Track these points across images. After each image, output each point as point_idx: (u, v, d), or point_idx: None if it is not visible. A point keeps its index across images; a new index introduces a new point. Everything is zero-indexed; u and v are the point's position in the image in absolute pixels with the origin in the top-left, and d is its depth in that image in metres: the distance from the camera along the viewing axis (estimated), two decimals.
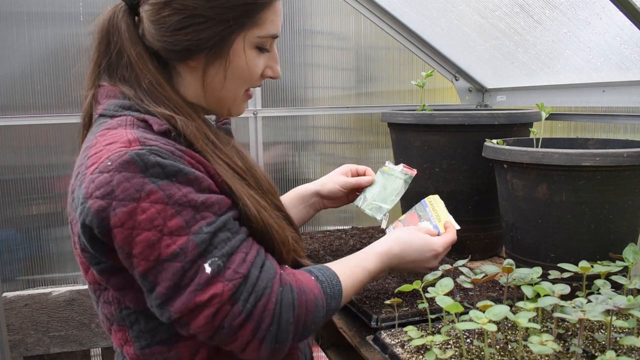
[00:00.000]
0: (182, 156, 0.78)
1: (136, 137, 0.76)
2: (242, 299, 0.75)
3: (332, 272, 0.90)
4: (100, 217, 0.72)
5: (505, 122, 1.46)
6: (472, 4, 1.77)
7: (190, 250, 0.73)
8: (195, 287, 0.73)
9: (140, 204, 0.72)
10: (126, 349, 0.87)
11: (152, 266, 0.73)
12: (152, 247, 0.72)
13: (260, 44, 0.89)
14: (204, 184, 0.78)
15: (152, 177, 0.73)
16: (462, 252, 1.45)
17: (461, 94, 2.34)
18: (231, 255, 0.77)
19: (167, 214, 0.73)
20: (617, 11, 1.30)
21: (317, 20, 2.18)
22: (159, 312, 0.76)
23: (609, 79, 1.63)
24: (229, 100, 0.93)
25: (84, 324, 1.64)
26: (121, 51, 0.86)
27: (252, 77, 0.92)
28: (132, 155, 0.73)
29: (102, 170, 0.73)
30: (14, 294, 1.61)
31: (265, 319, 0.77)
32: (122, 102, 0.85)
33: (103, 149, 0.76)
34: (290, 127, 2.20)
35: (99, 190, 0.72)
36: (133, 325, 0.84)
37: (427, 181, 1.52)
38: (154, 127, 0.81)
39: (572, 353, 0.83)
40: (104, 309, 0.87)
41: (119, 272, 0.79)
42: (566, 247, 1.15)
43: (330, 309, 0.87)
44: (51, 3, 1.85)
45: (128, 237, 0.72)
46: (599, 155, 1.07)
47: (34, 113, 1.87)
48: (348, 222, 2.27)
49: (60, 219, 1.95)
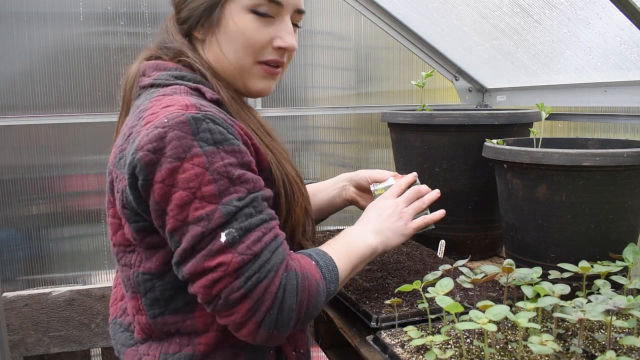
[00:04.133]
0: (232, 125, 0.83)
1: (193, 103, 0.81)
2: (246, 275, 0.76)
3: (329, 257, 0.91)
4: (148, 170, 0.76)
5: (505, 122, 1.46)
6: (472, 4, 1.77)
7: (215, 218, 0.76)
8: (207, 252, 0.75)
9: (183, 163, 0.75)
10: (138, 318, 0.88)
11: (179, 226, 0.76)
12: (182, 207, 0.75)
13: (253, 7, 0.91)
14: (246, 158, 0.82)
15: (200, 140, 0.77)
16: (462, 252, 1.45)
17: (461, 94, 2.34)
18: (248, 232, 0.78)
19: (204, 179, 0.76)
20: (617, 11, 1.30)
21: (317, 20, 2.18)
22: (176, 269, 0.79)
23: (609, 79, 1.63)
24: (236, 71, 0.95)
25: (84, 324, 1.64)
26: (164, 25, 0.99)
27: (253, 44, 0.92)
28: (188, 117, 0.77)
29: (158, 125, 0.77)
30: (14, 294, 1.61)
31: (266, 302, 0.77)
32: (173, 72, 0.91)
33: (160, 111, 0.80)
34: (290, 127, 2.20)
35: (152, 144, 0.76)
36: (147, 292, 0.86)
37: (427, 181, 1.52)
38: (207, 95, 0.88)
39: (572, 353, 0.83)
40: (124, 271, 0.89)
41: (155, 232, 0.82)
42: (566, 247, 1.15)
43: (329, 294, 0.88)
44: (51, 3, 1.85)
45: (167, 193, 0.76)
46: (599, 155, 1.07)
47: (34, 113, 1.87)
48: (348, 222, 2.27)
49: (60, 219, 1.95)
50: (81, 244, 1.98)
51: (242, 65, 0.94)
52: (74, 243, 1.98)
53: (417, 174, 1.16)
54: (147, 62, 0.95)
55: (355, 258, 0.96)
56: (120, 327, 0.96)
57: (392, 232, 1.04)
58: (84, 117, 1.91)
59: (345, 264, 0.93)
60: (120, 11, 1.93)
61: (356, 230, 1.03)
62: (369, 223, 1.04)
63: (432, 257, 1.39)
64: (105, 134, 1.93)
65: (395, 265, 1.33)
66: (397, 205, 1.07)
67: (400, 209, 1.07)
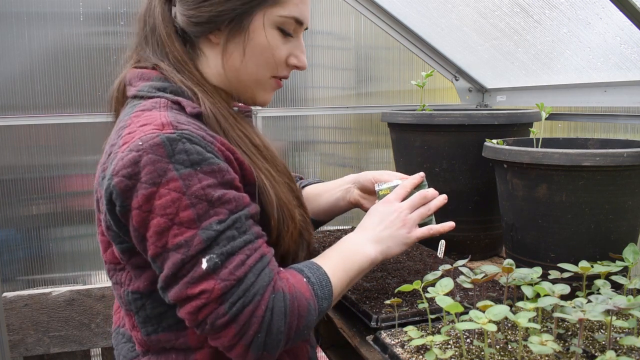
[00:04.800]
0: (212, 142, 0.80)
1: (169, 121, 0.78)
2: (230, 301, 0.75)
3: (322, 272, 0.88)
4: (124, 196, 0.75)
5: (505, 122, 1.46)
6: (472, 4, 1.77)
7: (195, 244, 0.74)
8: (189, 279, 0.74)
9: (159, 189, 0.74)
10: (134, 334, 0.88)
11: (159, 252, 0.75)
12: (161, 234, 0.74)
13: (281, 25, 0.90)
14: (227, 177, 0.79)
15: (176, 163, 0.74)
16: (462, 252, 1.45)
17: (461, 94, 2.34)
18: (231, 255, 0.76)
19: (181, 204, 0.74)
20: (617, 11, 1.30)
21: (317, 20, 2.18)
22: (161, 294, 0.78)
23: (609, 79, 1.63)
24: (251, 82, 0.94)
25: (84, 324, 1.64)
26: (154, 28, 0.92)
27: (275, 60, 0.92)
28: (162, 138, 0.75)
29: (132, 149, 0.75)
30: (14, 294, 1.61)
31: (252, 326, 0.76)
32: (155, 83, 0.88)
33: (137, 130, 0.78)
34: (290, 127, 2.20)
35: (126, 170, 0.74)
36: (139, 311, 0.85)
37: (427, 181, 1.52)
38: (187, 109, 0.84)
39: (572, 353, 0.83)
40: (115, 289, 0.89)
41: (140, 254, 0.81)
42: (566, 247, 1.15)
43: (322, 311, 0.86)
44: (51, 3, 1.85)
45: (144, 220, 0.74)
46: (599, 155, 1.07)
47: (34, 113, 1.87)
48: (348, 222, 2.27)
49: (60, 219, 1.95)
50: (81, 244, 1.98)
51: (260, 78, 0.94)
52: (74, 243, 1.98)
53: (424, 175, 1.10)
54: (133, 70, 0.92)
55: (352, 271, 0.93)
56: (123, 338, 0.95)
57: (393, 241, 0.99)
58: (84, 117, 1.91)
59: (341, 279, 0.90)
60: (120, 11, 1.93)
61: (355, 239, 0.98)
62: (370, 230, 0.99)
63: (432, 257, 1.39)
64: (105, 134, 1.92)
65: (395, 265, 1.33)
66: (402, 211, 1.01)
67: (404, 215, 1.01)
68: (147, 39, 0.93)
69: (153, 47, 0.91)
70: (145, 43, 0.93)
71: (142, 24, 0.94)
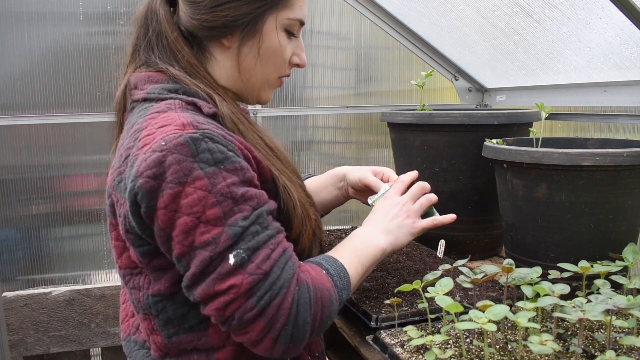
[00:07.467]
0: (232, 141, 0.81)
1: (190, 122, 0.78)
2: (259, 295, 0.75)
3: (340, 264, 0.90)
4: (150, 197, 0.74)
5: (505, 122, 1.46)
6: (472, 4, 1.77)
7: (222, 241, 0.75)
8: (217, 275, 0.75)
9: (185, 188, 0.74)
10: (153, 338, 0.87)
11: (186, 251, 0.75)
12: (187, 233, 0.74)
13: (289, 27, 0.93)
14: (248, 175, 0.80)
15: (201, 162, 0.75)
16: (462, 252, 1.45)
17: (461, 94, 2.34)
18: (256, 250, 0.77)
19: (208, 203, 0.74)
20: (617, 11, 1.30)
21: (317, 20, 2.18)
22: (187, 293, 0.78)
23: (609, 79, 1.63)
24: (260, 84, 0.96)
25: (84, 324, 1.64)
26: (160, 34, 0.91)
27: (285, 61, 0.95)
28: (186, 138, 0.75)
29: (156, 149, 0.75)
30: (14, 294, 1.61)
31: (280, 318, 0.77)
32: (166, 85, 0.88)
33: (157, 132, 0.78)
34: (290, 127, 2.20)
35: (151, 170, 0.74)
36: (160, 314, 0.85)
37: (427, 181, 1.51)
38: (204, 109, 0.85)
39: (572, 353, 0.83)
40: (133, 294, 0.88)
41: (162, 255, 0.81)
42: (566, 247, 1.15)
43: (342, 302, 0.88)
44: (51, 3, 1.85)
45: (171, 220, 0.74)
46: (599, 155, 1.07)
47: (34, 113, 1.87)
48: (348, 222, 2.27)
49: (60, 219, 1.95)
50: (81, 244, 1.98)
51: (270, 78, 0.96)
52: (74, 243, 1.98)
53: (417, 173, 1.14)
54: (137, 74, 0.91)
55: (367, 262, 0.95)
56: (135, 345, 0.94)
57: (401, 231, 1.02)
58: (84, 117, 1.91)
59: (357, 269, 0.93)
60: (120, 11, 1.93)
61: (366, 232, 1.01)
62: (378, 223, 1.02)
63: (432, 257, 1.39)
64: (105, 134, 1.93)
65: (395, 265, 1.33)
66: (405, 204, 1.05)
67: (408, 206, 1.04)
68: (151, 44, 0.92)
69: (160, 52, 0.91)
70: (149, 48, 0.92)
71: (143, 28, 0.93)
